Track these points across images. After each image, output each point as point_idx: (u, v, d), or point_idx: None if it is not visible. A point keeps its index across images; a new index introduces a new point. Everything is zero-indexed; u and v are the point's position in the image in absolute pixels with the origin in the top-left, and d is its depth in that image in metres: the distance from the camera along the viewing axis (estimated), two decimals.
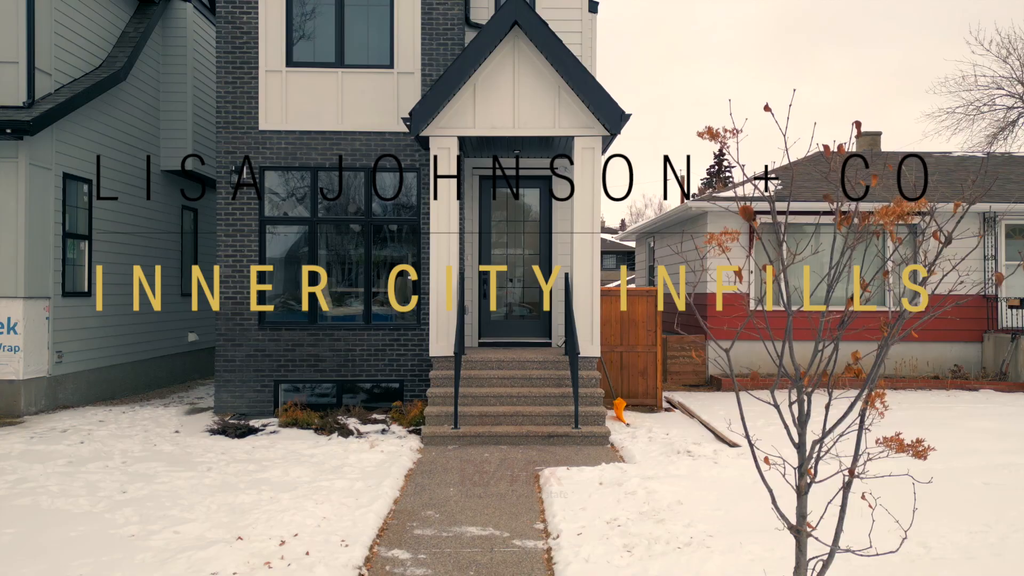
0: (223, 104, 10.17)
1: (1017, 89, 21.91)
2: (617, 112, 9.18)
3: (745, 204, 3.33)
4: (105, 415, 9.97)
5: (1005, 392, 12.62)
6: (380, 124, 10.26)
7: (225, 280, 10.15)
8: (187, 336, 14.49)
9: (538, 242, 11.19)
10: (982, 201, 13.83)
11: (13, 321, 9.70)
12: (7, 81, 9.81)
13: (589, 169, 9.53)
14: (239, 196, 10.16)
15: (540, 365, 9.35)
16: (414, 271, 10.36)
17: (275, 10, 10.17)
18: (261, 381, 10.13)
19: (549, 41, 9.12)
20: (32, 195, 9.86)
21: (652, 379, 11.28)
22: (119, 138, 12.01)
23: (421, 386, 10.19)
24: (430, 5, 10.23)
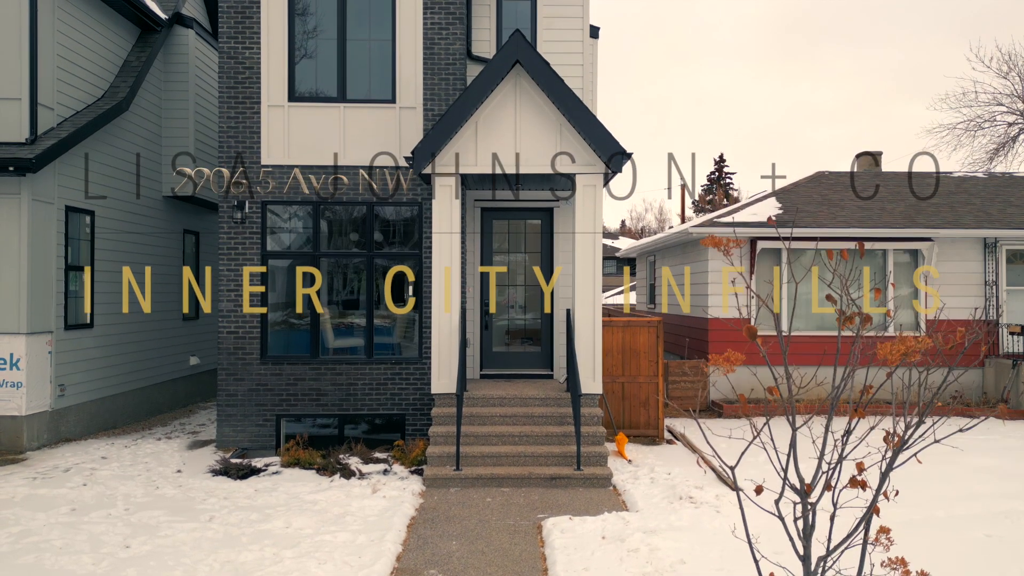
0: (225, 139, 10.19)
1: (1018, 106, 21.92)
2: (619, 151, 9.20)
3: (749, 326, 3.34)
4: (107, 450, 9.98)
5: (1006, 420, 12.63)
6: (382, 158, 10.27)
7: (227, 315, 10.16)
8: (189, 360, 14.51)
9: (540, 274, 11.20)
10: (983, 228, 13.85)
11: (16, 357, 9.72)
12: (10, 117, 9.83)
13: (591, 205, 9.55)
14: (241, 230, 10.17)
15: (542, 402, 9.36)
16: (415, 304, 10.38)
17: (277, 45, 10.19)
18: (263, 415, 10.14)
19: (551, 80, 9.14)
20: (34, 230, 9.88)
21: (654, 410, 11.30)
22: (121, 167, 12.03)
23: (423, 419, 10.20)
24: (432, 40, 10.25)
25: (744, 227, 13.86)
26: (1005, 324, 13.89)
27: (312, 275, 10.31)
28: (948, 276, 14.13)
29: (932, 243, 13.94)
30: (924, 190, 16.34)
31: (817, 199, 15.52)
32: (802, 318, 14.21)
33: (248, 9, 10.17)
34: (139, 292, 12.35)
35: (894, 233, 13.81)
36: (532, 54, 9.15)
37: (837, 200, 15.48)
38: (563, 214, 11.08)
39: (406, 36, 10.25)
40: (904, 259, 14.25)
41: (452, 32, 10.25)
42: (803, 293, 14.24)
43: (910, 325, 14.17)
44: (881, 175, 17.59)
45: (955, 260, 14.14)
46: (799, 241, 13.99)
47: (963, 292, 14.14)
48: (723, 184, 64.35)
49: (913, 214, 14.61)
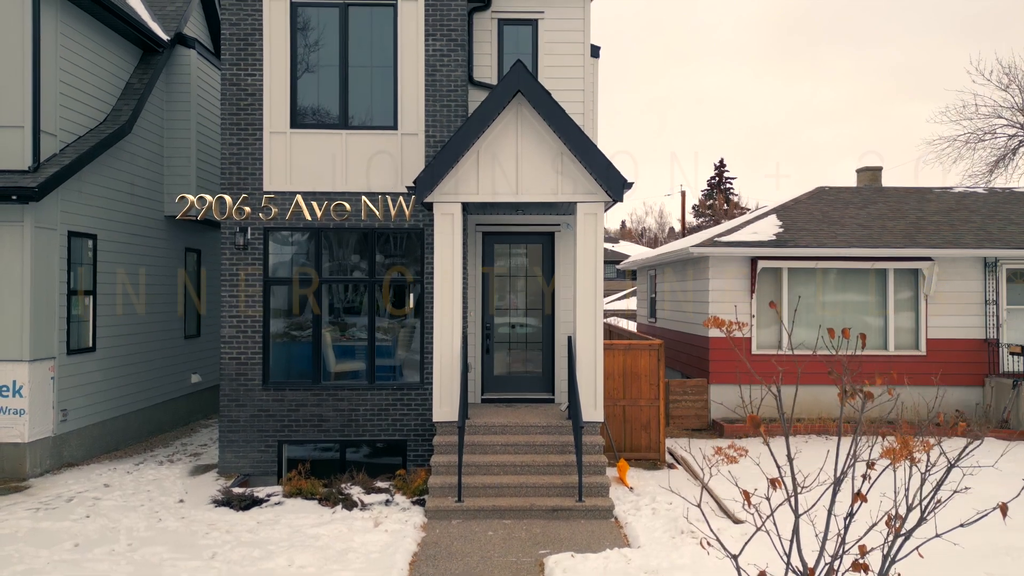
0: (227, 165, 10.22)
1: (1018, 118, 21.95)
2: (619, 180, 9.23)
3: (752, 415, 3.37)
4: (110, 476, 10.01)
5: (1006, 440, 12.63)
6: (384, 184, 10.30)
7: (229, 341, 10.19)
8: (190, 378, 14.54)
9: (541, 297, 11.23)
10: (983, 247, 13.87)
11: (19, 384, 9.75)
12: (12, 145, 9.86)
13: (592, 233, 9.57)
14: (243, 257, 10.20)
15: (543, 430, 9.39)
16: (417, 330, 10.41)
17: (279, 72, 10.22)
18: (265, 441, 10.17)
19: (552, 109, 9.17)
20: (37, 257, 9.91)
21: (655, 433, 11.32)
22: (123, 189, 12.07)
23: (425, 445, 10.23)
24: (433, 67, 10.28)
25: (745, 247, 13.88)
26: (1005, 344, 13.91)
27: (314, 301, 10.33)
28: (948, 295, 14.15)
29: (932, 263, 13.96)
30: (925, 206, 16.37)
31: (818, 216, 15.54)
32: (803, 337, 14.22)
33: (250, 36, 10.20)
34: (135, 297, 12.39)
35: (894, 253, 13.83)
36: (533, 84, 9.18)
37: (838, 217, 15.50)
38: (564, 238, 11.11)
39: (408, 63, 10.28)
40: (905, 278, 14.27)
41: (453, 59, 10.28)
42: (804, 312, 14.26)
43: (910, 344, 14.20)
44: (882, 191, 17.61)
45: (955, 279, 14.15)
46: (800, 261, 14.01)
47: (963, 311, 14.16)
48: (723, 189, 64.40)
49: (913, 232, 14.63)
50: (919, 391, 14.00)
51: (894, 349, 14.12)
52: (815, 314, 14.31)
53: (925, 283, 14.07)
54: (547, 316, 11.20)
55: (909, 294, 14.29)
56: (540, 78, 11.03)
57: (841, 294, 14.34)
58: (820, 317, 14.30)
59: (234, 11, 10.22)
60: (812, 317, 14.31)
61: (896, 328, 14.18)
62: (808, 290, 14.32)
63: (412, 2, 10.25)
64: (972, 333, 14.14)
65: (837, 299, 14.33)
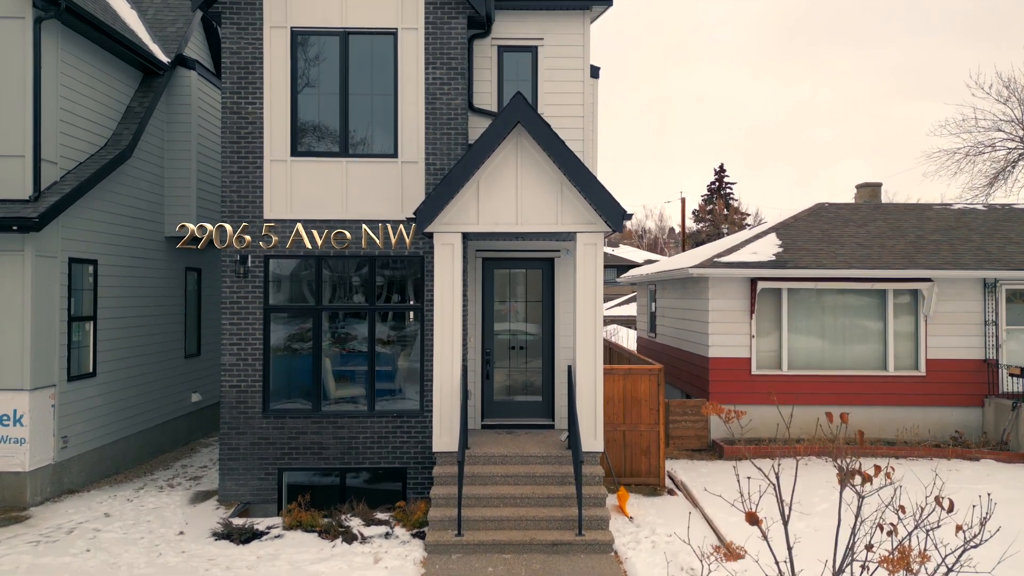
0: (228, 193, 10.23)
1: (1018, 132, 21.97)
2: (619, 211, 9.25)
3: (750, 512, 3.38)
4: (110, 504, 10.01)
5: (1006, 463, 12.65)
6: (385, 212, 10.32)
7: (229, 368, 10.20)
8: (191, 397, 14.55)
9: (541, 323, 11.24)
10: (982, 269, 13.88)
11: (19, 413, 9.76)
12: (13, 174, 9.87)
13: (591, 263, 9.59)
14: (243, 284, 10.21)
15: (543, 460, 9.40)
16: (417, 357, 10.42)
17: (280, 100, 10.23)
18: (265, 469, 10.18)
19: (552, 141, 9.19)
20: (38, 286, 9.92)
21: (655, 458, 11.33)
22: (124, 212, 12.08)
23: (424, 473, 10.24)
24: (433, 95, 10.30)
25: (744, 267, 13.90)
26: (1005, 365, 13.92)
27: (314, 329, 10.35)
28: (948, 315, 14.17)
29: (932, 283, 13.98)
30: (924, 223, 16.38)
31: (817, 235, 15.56)
32: (803, 357, 14.24)
33: (251, 64, 10.22)
34: (135, 320, 12.40)
35: (894, 274, 13.85)
36: (533, 116, 9.20)
37: (837, 236, 15.52)
38: (564, 264, 11.12)
39: (408, 91, 10.30)
40: (904, 299, 14.29)
41: (454, 87, 10.30)
42: (805, 332, 14.28)
43: (910, 365, 14.21)
44: (881, 207, 17.63)
45: (955, 299, 14.17)
46: (799, 281, 14.03)
47: (963, 331, 14.17)
48: (723, 194, 64.38)
49: (913, 252, 14.65)
50: (920, 411, 14.07)
51: (894, 369, 14.14)
52: (815, 335, 14.32)
53: (925, 304, 14.09)
54: (547, 341, 11.21)
55: (909, 314, 14.30)
56: (540, 104, 11.07)
57: (841, 314, 14.35)
58: (820, 337, 14.32)
59: (234, 39, 10.24)
60: (812, 338, 14.32)
61: (896, 348, 14.20)
62: (808, 310, 14.34)
63: (412, 31, 10.27)
64: (972, 353, 14.16)
65: (837, 319, 14.35)
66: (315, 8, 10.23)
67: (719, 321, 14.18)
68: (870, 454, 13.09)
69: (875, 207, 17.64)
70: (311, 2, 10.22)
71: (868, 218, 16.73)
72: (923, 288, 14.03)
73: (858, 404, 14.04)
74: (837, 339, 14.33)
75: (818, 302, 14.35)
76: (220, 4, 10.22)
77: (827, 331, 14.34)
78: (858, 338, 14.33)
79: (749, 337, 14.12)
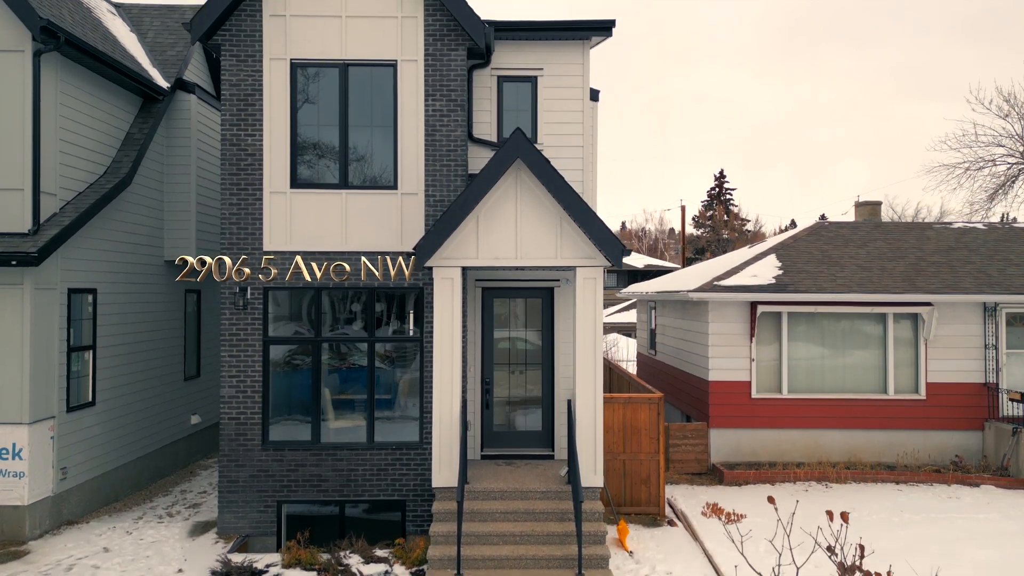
0: (228, 225, 10.22)
1: (1018, 147, 21.96)
2: (618, 247, 9.25)
3: None
4: (109, 536, 10.00)
5: (1006, 489, 12.64)
6: (384, 244, 10.31)
7: (228, 401, 10.19)
8: (190, 419, 14.53)
9: (540, 352, 11.23)
10: (983, 293, 13.87)
11: (18, 447, 9.74)
12: (12, 208, 9.86)
13: (591, 297, 9.58)
14: (242, 316, 10.20)
15: (543, 495, 9.38)
16: (416, 389, 10.41)
17: (279, 132, 10.23)
18: (264, 502, 10.16)
19: (552, 177, 9.19)
20: (37, 319, 9.91)
21: (655, 487, 11.31)
22: (123, 239, 12.07)
23: (424, 506, 10.22)
24: (433, 127, 10.29)
25: (744, 291, 13.88)
26: (1005, 390, 13.90)
27: (313, 360, 10.34)
28: (948, 339, 14.15)
29: (932, 307, 13.97)
30: (924, 244, 16.37)
31: (818, 256, 15.54)
32: (803, 381, 14.22)
33: (250, 96, 10.21)
34: (135, 346, 12.38)
35: (894, 298, 13.83)
36: (533, 152, 9.19)
37: (837, 258, 15.50)
38: (563, 293, 11.11)
39: (408, 123, 10.29)
40: (904, 322, 14.27)
41: (453, 119, 10.29)
42: (805, 355, 14.26)
43: (910, 388, 14.20)
44: (881, 226, 17.62)
45: (955, 323, 14.16)
46: (799, 305, 14.02)
47: (963, 355, 14.16)
48: (723, 200, 64.40)
49: (913, 275, 14.63)
50: (921, 435, 14.06)
51: (894, 393, 14.13)
52: (815, 358, 14.31)
53: (925, 327, 14.07)
54: (547, 370, 11.20)
55: (909, 338, 14.29)
56: (540, 134, 11.07)
57: (841, 338, 14.34)
58: (820, 361, 14.31)
59: (234, 71, 10.23)
60: (812, 361, 14.31)
61: (896, 372, 14.19)
62: (808, 334, 14.33)
63: (412, 62, 10.26)
64: (972, 377, 14.15)
65: (837, 343, 14.33)
66: (315, 40, 10.22)
67: (719, 344, 14.16)
68: (871, 479, 13.09)
69: (875, 226, 17.64)
70: (311, 34, 10.22)
71: (868, 238, 16.72)
72: (923, 312, 14.02)
73: (859, 428, 14.03)
74: (837, 362, 14.32)
75: (818, 325, 14.34)
76: (220, 36, 10.21)
77: (827, 354, 14.33)
78: (858, 361, 14.31)
79: (749, 360, 14.11)
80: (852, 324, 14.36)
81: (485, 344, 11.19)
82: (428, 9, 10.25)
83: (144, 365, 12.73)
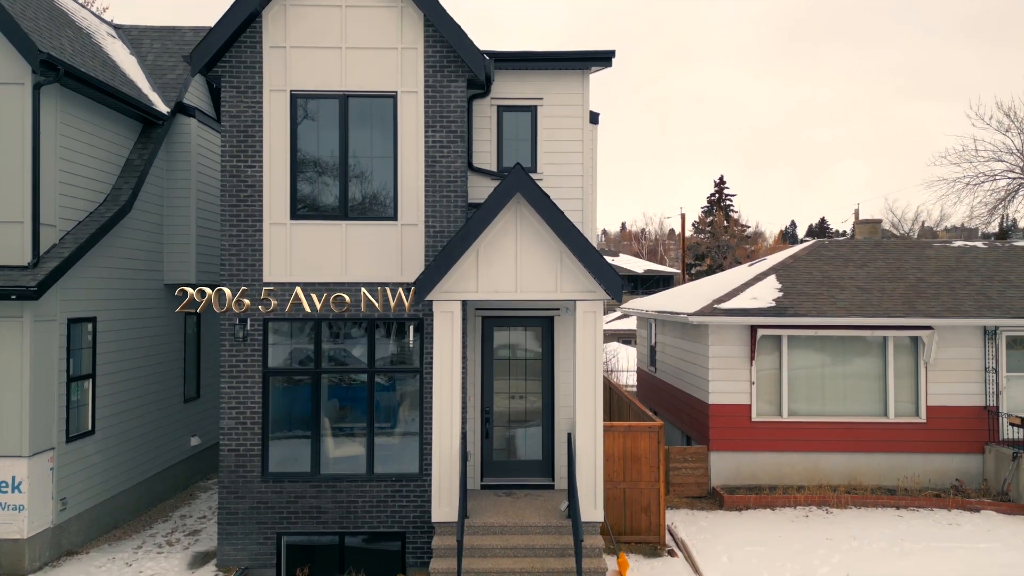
0: (227, 256, 10.22)
1: (1018, 162, 21.97)
2: (618, 283, 9.25)
3: None
4: (109, 569, 10.00)
5: (1007, 515, 12.62)
6: (384, 275, 10.31)
7: (228, 432, 10.18)
8: (189, 441, 14.52)
9: (541, 380, 11.22)
10: (983, 316, 13.87)
11: (18, 480, 9.73)
12: (12, 241, 9.85)
13: (591, 330, 9.58)
14: (242, 348, 10.20)
15: (543, 530, 9.37)
16: (416, 420, 10.40)
17: (279, 163, 10.22)
18: (264, 534, 10.15)
19: (552, 212, 9.19)
20: (37, 351, 9.90)
21: (655, 516, 11.30)
22: (123, 265, 12.07)
23: (424, 538, 10.21)
24: (433, 158, 10.29)
25: (744, 315, 13.87)
26: (1005, 414, 13.89)
27: (313, 391, 10.33)
28: (948, 362, 14.15)
29: (932, 331, 13.96)
30: (924, 264, 16.36)
31: (818, 277, 15.54)
32: (804, 404, 14.22)
33: (250, 128, 10.21)
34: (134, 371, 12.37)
35: (894, 322, 13.83)
36: (532, 187, 9.19)
37: (837, 279, 15.49)
38: (563, 322, 11.11)
39: (408, 154, 10.29)
40: (905, 345, 14.27)
41: (453, 150, 10.29)
42: (805, 378, 14.26)
43: (910, 411, 14.19)
44: (880, 245, 17.62)
45: (955, 346, 14.15)
46: (799, 329, 14.01)
47: (964, 378, 14.15)
48: (723, 206, 64.41)
49: (913, 297, 14.62)
50: (921, 458, 14.04)
51: (894, 416, 14.12)
52: (815, 381, 14.30)
53: (925, 351, 14.07)
54: (547, 399, 11.19)
55: (909, 361, 14.28)
56: (539, 163, 11.07)
57: (841, 361, 14.33)
58: (820, 384, 14.30)
59: (234, 102, 10.23)
60: (812, 384, 14.30)
61: (896, 395, 14.18)
62: (808, 357, 14.32)
63: (412, 94, 10.26)
64: (972, 400, 14.14)
65: (837, 366, 14.33)
66: (315, 72, 10.22)
67: (719, 367, 14.16)
68: (872, 504, 13.07)
69: (875, 245, 17.63)
70: (311, 66, 10.22)
71: (868, 257, 16.71)
72: (923, 335, 14.01)
73: (859, 451, 14.02)
74: (837, 385, 14.31)
75: (818, 349, 14.33)
76: (220, 67, 10.21)
77: (827, 377, 14.32)
78: (858, 385, 14.31)
79: (749, 384, 14.10)
80: (852, 347, 14.35)
81: (485, 372, 11.18)
82: (428, 41, 10.26)
83: (144, 390, 12.72)
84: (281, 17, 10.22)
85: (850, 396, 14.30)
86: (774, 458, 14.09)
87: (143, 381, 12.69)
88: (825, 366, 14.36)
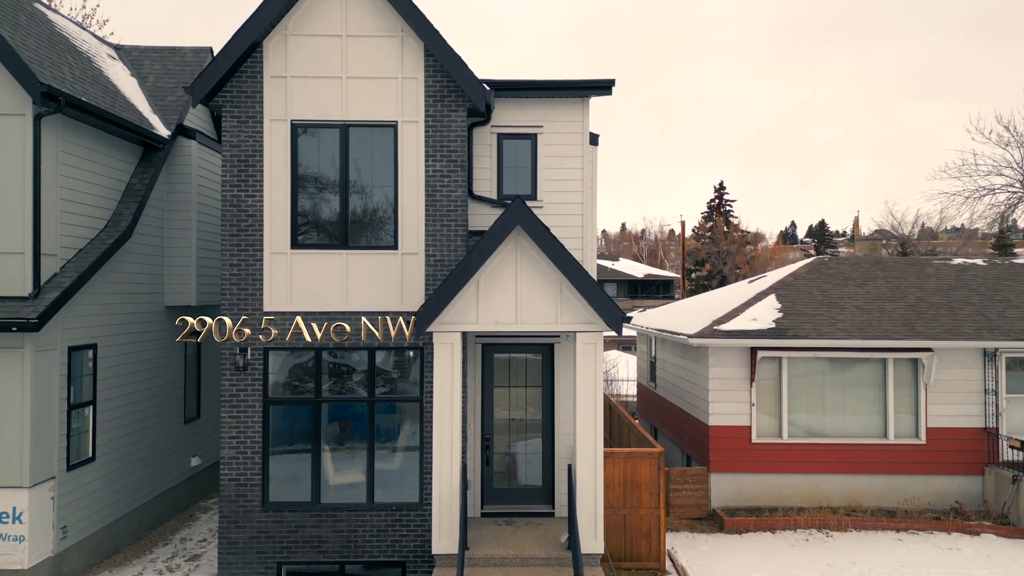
0: (228, 286, 10.23)
1: (1018, 176, 22.00)
2: (618, 314, 9.26)
3: None
4: None
5: (1007, 538, 12.63)
6: (385, 304, 10.32)
7: (228, 462, 10.19)
8: (190, 462, 14.52)
9: (541, 408, 11.23)
10: (982, 339, 13.88)
11: (19, 511, 9.74)
12: (12, 272, 9.86)
13: (592, 361, 9.58)
14: (243, 377, 10.20)
15: (543, 562, 9.38)
16: (416, 449, 10.40)
17: (280, 192, 10.24)
18: (264, 563, 10.16)
19: (552, 245, 9.21)
20: (37, 380, 9.90)
21: (656, 542, 11.30)
22: (123, 290, 12.07)
23: (424, 567, 10.21)
24: (434, 188, 10.31)
25: (744, 337, 13.88)
26: (1005, 435, 13.90)
27: (313, 421, 10.33)
28: (948, 383, 14.16)
29: (932, 353, 13.97)
30: (924, 282, 16.37)
31: (818, 297, 15.54)
32: (804, 425, 14.23)
33: (251, 157, 10.23)
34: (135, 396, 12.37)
35: (894, 344, 13.83)
36: (532, 219, 9.21)
37: (837, 299, 15.50)
38: (563, 349, 11.11)
39: (408, 183, 10.30)
40: (904, 367, 14.28)
41: (454, 179, 10.30)
42: (805, 400, 14.26)
43: (910, 433, 14.20)
44: (880, 263, 17.64)
45: (955, 368, 14.17)
46: (799, 351, 14.03)
47: (963, 400, 14.16)
48: (723, 212, 64.42)
49: (913, 318, 14.63)
50: (921, 480, 14.05)
51: (894, 437, 14.13)
52: (815, 402, 14.32)
53: (925, 372, 14.08)
54: (547, 425, 11.20)
55: (909, 382, 14.30)
56: (540, 191, 11.10)
57: (841, 382, 14.35)
58: (820, 405, 14.31)
59: (235, 132, 10.25)
60: (812, 405, 14.31)
61: (896, 416, 14.19)
62: (808, 378, 14.34)
63: (412, 123, 10.28)
64: (972, 422, 14.15)
65: (837, 387, 14.34)
66: (316, 101, 10.24)
67: (719, 389, 14.17)
68: (872, 527, 13.08)
69: (875, 262, 17.65)
70: (312, 95, 10.23)
71: (868, 275, 16.72)
72: (923, 357, 14.02)
73: (859, 472, 14.03)
74: (837, 407, 14.33)
75: (818, 370, 14.34)
76: (221, 97, 10.23)
77: (827, 399, 14.33)
78: (858, 406, 14.32)
79: (749, 405, 14.11)
80: (852, 369, 14.36)
81: (485, 400, 11.19)
82: (428, 71, 10.28)
83: (144, 413, 12.72)
84: (282, 47, 10.24)
85: (850, 418, 14.31)
86: (774, 479, 14.10)
87: (144, 404, 12.69)
88: (825, 387, 14.37)
